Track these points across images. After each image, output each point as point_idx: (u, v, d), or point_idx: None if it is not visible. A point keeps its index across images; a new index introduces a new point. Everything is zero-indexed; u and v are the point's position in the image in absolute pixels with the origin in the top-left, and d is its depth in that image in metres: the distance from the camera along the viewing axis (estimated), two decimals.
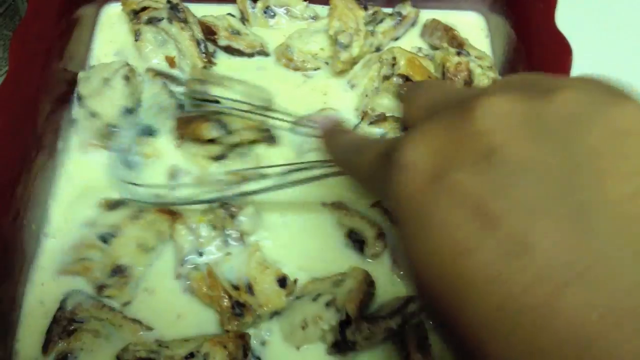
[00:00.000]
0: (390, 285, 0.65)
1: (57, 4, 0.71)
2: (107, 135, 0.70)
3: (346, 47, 0.76)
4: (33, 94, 0.66)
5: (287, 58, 0.80)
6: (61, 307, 0.61)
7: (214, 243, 0.64)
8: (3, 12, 0.71)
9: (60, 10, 0.72)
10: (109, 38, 0.80)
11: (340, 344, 0.59)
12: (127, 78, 0.70)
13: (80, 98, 0.71)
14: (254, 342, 0.61)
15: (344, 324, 0.58)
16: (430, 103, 0.37)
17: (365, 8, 0.81)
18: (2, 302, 0.60)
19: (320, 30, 0.80)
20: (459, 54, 0.77)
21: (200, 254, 0.64)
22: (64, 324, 0.60)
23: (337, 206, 0.68)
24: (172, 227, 0.64)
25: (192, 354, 0.56)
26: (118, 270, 0.62)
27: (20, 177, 0.62)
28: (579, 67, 0.69)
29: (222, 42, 0.78)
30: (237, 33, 0.78)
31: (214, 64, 0.77)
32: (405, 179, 0.32)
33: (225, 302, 0.59)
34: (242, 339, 0.58)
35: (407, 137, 0.33)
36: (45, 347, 0.59)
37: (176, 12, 0.76)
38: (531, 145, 0.29)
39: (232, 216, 0.64)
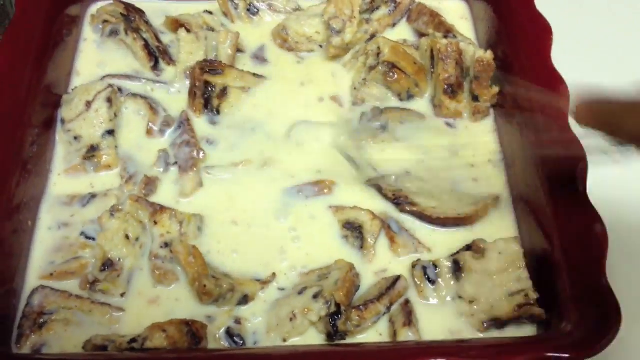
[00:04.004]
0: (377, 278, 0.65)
1: (46, 3, 0.73)
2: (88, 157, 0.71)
3: (338, 32, 0.77)
4: (24, 94, 0.68)
5: (282, 38, 0.81)
6: (28, 304, 0.62)
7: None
8: None
9: (48, 10, 0.73)
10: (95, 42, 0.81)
11: (332, 335, 0.59)
12: (109, 100, 0.72)
13: (63, 122, 0.72)
14: (229, 321, 0.62)
15: (334, 315, 0.59)
16: None
17: None
18: None
19: (318, 14, 0.81)
20: (446, 37, 0.78)
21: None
22: (34, 318, 0.61)
23: (334, 207, 0.69)
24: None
25: (134, 339, 0.57)
26: (109, 264, 0.63)
27: (15, 173, 0.64)
28: (559, 47, 0.70)
29: None
30: (211, 30, 0.79)
31: (161, 70, 0.79)
32: None
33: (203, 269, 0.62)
34: (188, 325, 0.59)
35: None
36: (18, 341, 0.60)
37: (130, 23, 0.78)
38: None
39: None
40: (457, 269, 0.63)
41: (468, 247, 0.65)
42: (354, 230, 0.67)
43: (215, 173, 0.72)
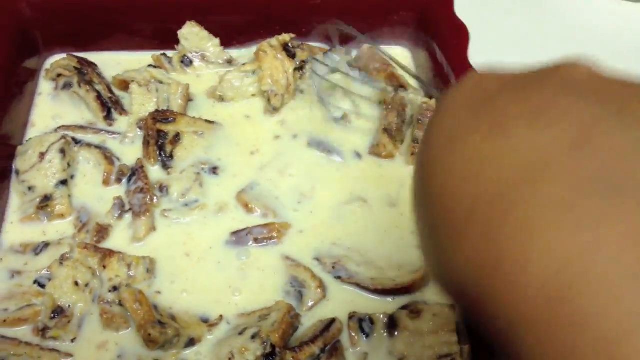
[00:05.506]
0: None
1: (2, 57, 0.76)
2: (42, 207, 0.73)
3: (277, 108, 0.83)
4: None
5: (217, 99, 0.85)
6: None
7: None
8: None
9: (5, 64, 0.77)
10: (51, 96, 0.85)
11: None
12: (62, 151, 0.75)
13: (17, 173, 0.75)
14: None
15: (269, 356, 0.62)
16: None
17: (294, 56, 0.85)
18: None
19: (249, 73, 0.85)
20: (396, 90, 0.82)
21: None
22: None
23: (284, 257, 0.72)
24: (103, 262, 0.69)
25: None
26: (59, 312, 0.66)
27: None
28: None
29: None
30: (160, 82, 0.83)
31: (113, 120, 0.82)
32: (454, 93, 0.36)
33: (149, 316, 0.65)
34: None
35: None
36: None
37: (83, 76, 0.82)
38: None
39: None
40: (392, 325, 0.67)
41: (405, 306, 0.68)
42: (297, 286, 0.70)
43: (172, 216, 0.75)
